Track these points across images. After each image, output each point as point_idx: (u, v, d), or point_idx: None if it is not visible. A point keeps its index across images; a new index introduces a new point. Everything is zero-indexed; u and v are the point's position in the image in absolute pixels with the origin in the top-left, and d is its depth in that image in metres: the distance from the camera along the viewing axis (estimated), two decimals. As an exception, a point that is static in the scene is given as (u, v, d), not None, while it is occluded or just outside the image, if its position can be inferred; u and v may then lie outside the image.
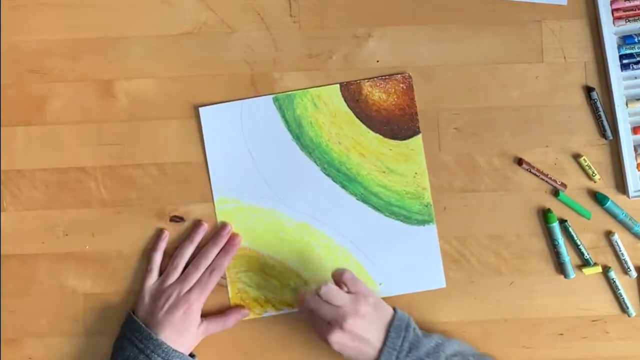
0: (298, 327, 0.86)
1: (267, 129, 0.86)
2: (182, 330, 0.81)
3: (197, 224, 0.86)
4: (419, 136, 0.87)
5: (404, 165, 0.87)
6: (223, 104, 0.86)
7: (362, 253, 0.86)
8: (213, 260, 0.85)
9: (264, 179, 0.86)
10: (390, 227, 0.86)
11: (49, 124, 0.87)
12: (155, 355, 0.79)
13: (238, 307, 0.86)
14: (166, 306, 0.82)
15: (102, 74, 0.87)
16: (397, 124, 0.87)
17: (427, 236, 0.86)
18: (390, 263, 0.86)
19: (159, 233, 0.86)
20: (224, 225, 0.86)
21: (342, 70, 0.87)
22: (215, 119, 0.86)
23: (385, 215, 0.87)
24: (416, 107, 0.86)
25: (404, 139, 0.87)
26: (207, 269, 0.84)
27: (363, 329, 0.77)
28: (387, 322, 0.79)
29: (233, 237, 0.86)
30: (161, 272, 0.85)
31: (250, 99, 0.87)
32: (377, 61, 0.87)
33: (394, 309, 0.81)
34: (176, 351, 0.80)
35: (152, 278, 0.85)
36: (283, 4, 0.87)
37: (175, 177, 0.87)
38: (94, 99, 0.87)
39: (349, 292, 0.80)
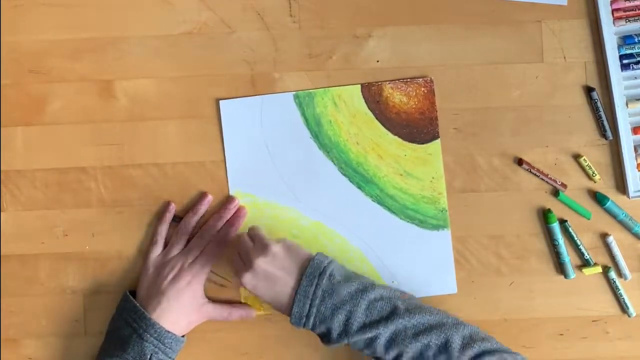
0: (298, 327, 0.86)
1: (285, 125, 0.86)
2: (185, 303, 0.81)
3: (201, 195, 0.86)
4: (438, 141, 0.86)
5: (421, 169, 0.86)
6: (244, 98, 0.86)
7: (375, 255, 0.86)
8: (218, 232, 0.84)
9: (280, 175, 0.86)
10: (405, 230, 0.86)
11: (49, 124, 0.87)
12: (148, 335, 0.79)
13: (247, 305, 0.86)
14: (170, 276, 0.82)
15: (102, 74, 0.87)
16: (416, 128, 0.86)
17: (441, 241, 0.86)
18: (402, 266, 0.86)
19: (165, 205, 0.86)
20: (231, 199, 0.86)
21: (342, 71, 0.87)
22: (234, 113, 0.86)
23: (400, 218, 0.86)
24: (436, 111, 0.86)
25: (423, 143, 0.86)
26: (212, 240, 0.84)
27: (273, 267, 0.76)
28: (300, 266, 0.77)
29: (239, 210, 0.86)
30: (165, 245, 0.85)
31: (270, 95, 0.86)
32: (377, 61, 0.87)
33: (316, 255, 0.78)
34: (169, 332, 0.79)
35: (157, 250, 0.85)
36: (283, 4, 0.87)
37: (175, 177, 0.87)
38: (94, 99, 0.87)
39: None
